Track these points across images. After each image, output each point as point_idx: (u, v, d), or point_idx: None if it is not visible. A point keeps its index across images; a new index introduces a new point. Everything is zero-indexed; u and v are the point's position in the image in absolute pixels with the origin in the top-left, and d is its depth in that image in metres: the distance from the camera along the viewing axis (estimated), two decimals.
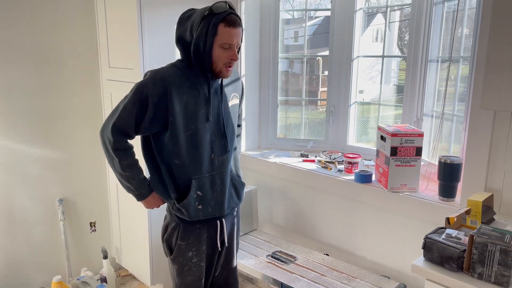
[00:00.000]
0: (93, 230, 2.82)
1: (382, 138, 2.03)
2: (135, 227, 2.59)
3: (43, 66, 2.46)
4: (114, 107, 1.62)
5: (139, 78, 2.27)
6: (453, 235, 1.29)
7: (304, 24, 2.69)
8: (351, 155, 2.28)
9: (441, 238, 1.29)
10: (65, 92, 2.56)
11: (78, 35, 2.56)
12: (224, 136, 1.66)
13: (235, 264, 1.88)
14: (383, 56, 2.45)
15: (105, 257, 2.72)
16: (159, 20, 2.30)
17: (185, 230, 1.65)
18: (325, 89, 2.74)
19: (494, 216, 1.59)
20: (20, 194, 2.48)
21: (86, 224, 2.79)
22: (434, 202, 1.87)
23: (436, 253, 1.26)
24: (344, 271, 2.04)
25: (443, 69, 2.12)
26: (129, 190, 1.64)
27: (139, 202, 1.70)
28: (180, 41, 1.57)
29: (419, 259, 1.31)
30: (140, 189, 1.63)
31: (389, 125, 2.08)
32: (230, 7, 1.52)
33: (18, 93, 2.40)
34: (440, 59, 2.14)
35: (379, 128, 2.07)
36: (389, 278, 1.98)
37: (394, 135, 1.93)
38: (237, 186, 1.76)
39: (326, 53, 2.60)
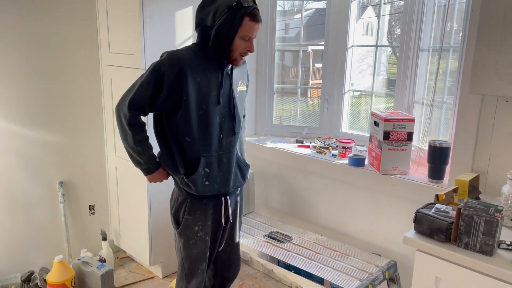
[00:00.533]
0: (92, 213, 2.88)
1: (376, 123, 2.12)
2: (134, 210, 2.66)
3: (44, 51, 2.50)
4: (131, 85, 1.69)
5: (140, 63, 2.35)
6: (442, 209, 1.39)
7: (300, 15, 2.77)
8: (345, 140, 2.38)
9: (431, 212, 1.39)
10: (65, 76, 2.61)
11: (78, 21, 2.60)
12: (233, 119, 1.74)
13: (237, 240, 1.97)
14: (376, 46, 2.55)
15: (104, 239, 2.79)
16: (161, 5, 2.35)
17: (192, 205, 1.74)
18: (316, 81, 2.83)
19: (480, 196, 1.70)
20: (22, 176, 2.53)
21: (86, 206, 2.85)
22: (424, 184, 1.97)
23: (426, 225, 1.36)
24: (338, 250, 2.14)
25: (433, 60, 2.22)
26: (137, 164, 1.72)
27: (138, 186, 1.76)
28: (201, 25, 1.63)
29: (410, 231, 1.41)
30: (149, 164, 1.71)
31: (382, 111, 2.17)
32: (254, 1, 1.60)
33: (19, 78, 2.44)
34: (431, 49, 2.24)
35: (373, 114, 2.17)
36: (380, 255, 2.09)
37: (387, 120, 2.02)
38: (242, 167, 1.85)
39: (321, 43, 2.68)
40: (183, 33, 2.50)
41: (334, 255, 2.08)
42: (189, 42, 2.54)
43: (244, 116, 1.92)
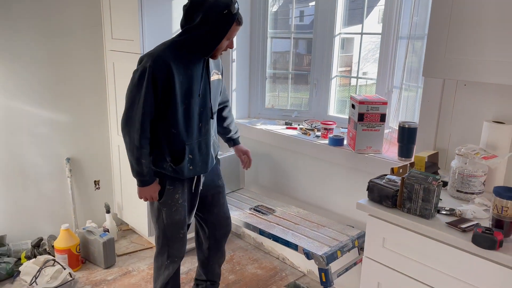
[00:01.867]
0: (97, 188, 3.12)
1: (353, 106, 2.29)
2: (135, 186, 2.87)
3: (52, 37, 2.72)
4: (126, 99, 1.81)
5: (139, 49, 2.54)
6: (392, 179, 1.56)
7: (314, 2, 2.92)
8: (327, 122, 2.55)
9: (382, 181, 1.56)
10: (72, 60, 2.83)
11: (84, 9, 2.81)
12: (209, 108, 1.95)
13: (222, 202, 2.20)
14: (361, 34, 2.69)
15: (108, 211, 3.03)
16: None
17: (172, 178, 1.94)
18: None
19: (439, 171, 1.86)
20: (32, 152, 2.78)
21: (91, 182, 3.09)
22: (394, 161, 2.14)
23: (376, 193, 1.54)
24: (315, 221, 2.33)
25: (411, 45, 2.36)
26: (138, 175, 1.85)
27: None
28: (187, 23, 1.78)
29: (363, 199, 1.59)
30: (148, 176, 1.86)
31: (359, 95, 2.33)
32: (237, 2, 1.75)
33: (29, 61, 2.66)
34: (410, 37, 2.37)
35: (351, 98, 2.33)
36: (353, 227, 2.28)
37: (361, 102, 2.18)
38: (215, 147, 2.08)
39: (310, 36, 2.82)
40: (179, 20, 2.67)
41: (311, 226, 2.27)
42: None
43: (227, 100, 2.16)
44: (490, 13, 1.43)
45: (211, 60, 1.95)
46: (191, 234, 2.93)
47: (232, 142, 2.29)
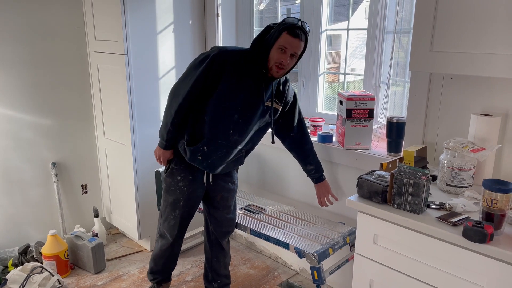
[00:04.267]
0: (84, 192, 3.08)
1: (341, 102, 2.28)
2: (123, 188, 2.84)
3: (35, 40, 2.67)
4: (184, 72, 1.98)
5: (123, 49, 2.51)
6: (381, 175, 1.55)
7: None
8: (316, 119, 2.53)
9: (372, 178, 1.55)
10: (55, 63, 2.77)
11: (66, 10, 2.76)
12: (248, 123, 1.99)
13: (229, 204, 2.25)
14: (347, 30, 2.68)
15: (96, 215, 2.98)
16: None
17: (180, 159, 2.07)
18: (329, 66, 2.96)
19: (428, 165, 1.85)
20: (16, 158, 2.72)
21: (78, 186, 3.04)
22: (383, 157, 2.13)
23: (366, 189, 1.53)
24: (306, 219, 2.32)
25: (398, 40, 2.36)
26: (161, 135, 2.05)
27: (125, 165, 2.36)
28: (257, 40, 1.93)
29: (353, 195, 1.58)
30: (168, 142, 2.03)
31: (347, 91, 2.32)
32: (302, 26, 1.85)
33: (12, 65, 2.61)
34: (396, 32, 2.37)
35: (339, 94, 2.32)
36: (344, 224, 2.26)
37: (349, 99, 2.17)
38: (237, 163, 2.15)
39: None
40: (163, 19, 2.65)
41: (302, 224, 2.25)
42: (170, 29, 2.70)
43: (301, 127, 2.21)
44: (475, 6, 1.42)
45: (276, 89, 2.02)
46: (190, 232, 2.93)
47: (315, 180, 2.28)
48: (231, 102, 1.92)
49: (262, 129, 2.14)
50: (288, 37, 1.84)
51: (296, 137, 2.22)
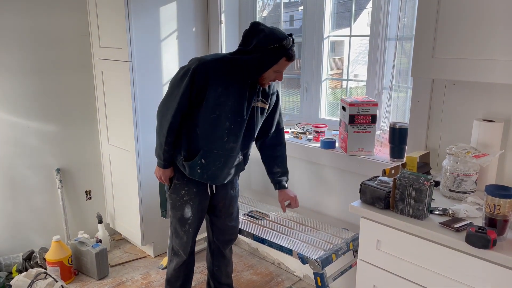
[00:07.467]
0: (88, 198, 3.09)
1: (343, 108, 2.28)
2: (127, 195, 2.86)
3: (40, 48, 2.70)
4: (167, 90, 1.95)
5: (127, 56, 2.53)
6: (384, 181, 1.55)
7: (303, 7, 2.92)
8: (318, 125, 2.54)
9: (374, 183, 1.55)
10: (60, 70, 2.80)
11: (71, 18, 2.79)
12: (241, 128, 1.97)
13: (232, 211, 2.24)
14: (350, 36, 2.69)
15: (100, 221, 2.99)
16: (146, 1, 2.52)
17: (182, 174, 2.04)
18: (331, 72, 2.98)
19: (431, 171, 1.85)
20: (21, 164, 2.74)
21: (82, 192, 3.05)
22: (386, 163, 2.13)
23: (369, 195, 1.53)
24: (309, 225, 2.32)
25: (400, 46, 2.37)
26: (158, 156, 2.02)
27: (129, 172, 2.33)
28: (243, 46, 1.89)
29: (356, 201, 1.58)
30: (165, 162, 2.00)
31: (349, 97, 2.33)
32: (293, 40, 1.85)
33: (17, 72, 2.64)
34: (398, 38, 2.38)
35: (342, 100, 2.32)
36: (347, 229, 2.26)
37: (352, 105, 2.18)
38: (238, 169, 2.11)
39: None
40: (167, 26, 2.67)
41: (305, 230, 2.26)
42: (173, 37, 2.72)
43: (278, 129, 2.19)
44: (477, 13, 1.43)
45: (264, 92, 2.01)
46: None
47: (277, 185, 2.25)
48: (220, 111, 1.90)
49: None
50: (286, 62, 1.87)
51: (271, 137, 2.20)
